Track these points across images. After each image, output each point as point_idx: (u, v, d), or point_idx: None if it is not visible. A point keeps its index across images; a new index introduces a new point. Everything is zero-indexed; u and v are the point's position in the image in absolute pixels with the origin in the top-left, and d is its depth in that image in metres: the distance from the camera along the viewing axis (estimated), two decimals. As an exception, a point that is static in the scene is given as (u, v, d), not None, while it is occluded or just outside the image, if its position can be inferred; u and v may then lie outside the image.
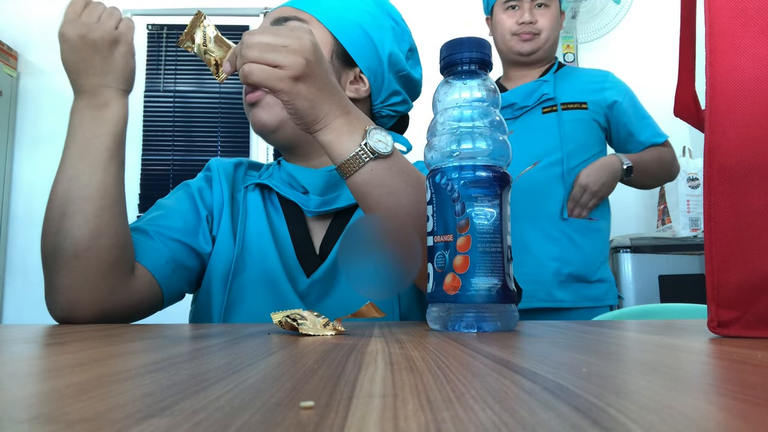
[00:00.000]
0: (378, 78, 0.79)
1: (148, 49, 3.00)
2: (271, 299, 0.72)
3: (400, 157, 0.60)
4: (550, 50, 1.43)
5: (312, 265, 0.75)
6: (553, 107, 1.37)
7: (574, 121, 1.36)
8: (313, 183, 0.77)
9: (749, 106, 0.37)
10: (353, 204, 0.77)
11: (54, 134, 2.89)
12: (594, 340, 0.37)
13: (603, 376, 0.22)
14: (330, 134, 0.57)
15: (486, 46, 0.54)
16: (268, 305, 0.72)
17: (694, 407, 0.16)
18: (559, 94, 1.39)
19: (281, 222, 0.78)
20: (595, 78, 1.43)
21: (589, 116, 1.37)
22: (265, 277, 0.73)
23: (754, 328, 0.37)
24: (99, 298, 0.62)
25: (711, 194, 0.39)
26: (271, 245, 0.75)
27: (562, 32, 2.93)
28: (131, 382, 0.21)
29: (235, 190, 0.81)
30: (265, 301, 0.72)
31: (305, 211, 0.77)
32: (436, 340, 0.39)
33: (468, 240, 0.49)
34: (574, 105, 1.38)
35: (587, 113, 1.37)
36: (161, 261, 0.69)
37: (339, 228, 0.77)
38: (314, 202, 0.76)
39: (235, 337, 0.41)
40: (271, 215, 0.78)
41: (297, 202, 0.76)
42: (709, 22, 0.39)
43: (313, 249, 0.76)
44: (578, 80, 1.43)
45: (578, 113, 1.37)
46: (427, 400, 0.18)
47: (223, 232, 0.76)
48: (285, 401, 0.18)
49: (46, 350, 0.35)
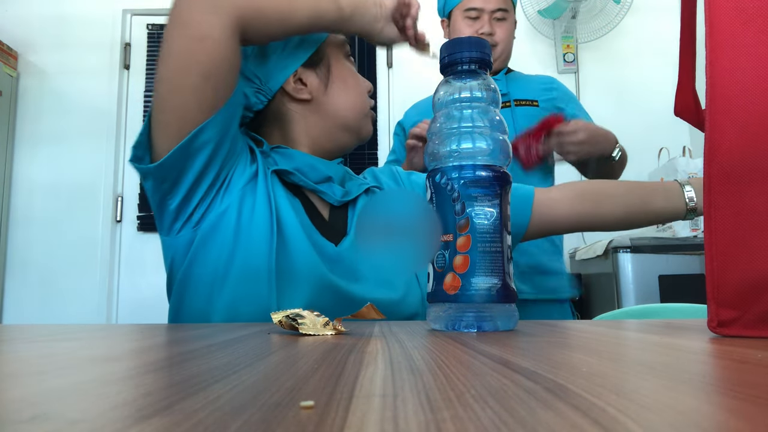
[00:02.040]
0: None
1: (148, 49, 3.00)
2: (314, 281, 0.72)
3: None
4: (505, 61, 1.46)
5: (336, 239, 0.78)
6: (506, 103, 1.42)
7: (526, 116, 1.40)
8: (334, 173, 0.81)
9: (749, 105, 0.37)
10: (358, 194, 0.82)
11: (54, 134, 2.89)
12: (594, 340, 0.37)
13: (603, 376, 0.22)
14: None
15: (486, 45, 0.54)
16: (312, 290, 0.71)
17: (694, 407, 0.16)
18: (511, 91, 1.44)
19: (299, 209, 0.78)
20: (543, 80, 1.49)
21: (540, 113, 1.41)
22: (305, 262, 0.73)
23: (754, 328, 0.37)
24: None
25: (711, 194, 0.39)
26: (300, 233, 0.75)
27: (561, 33, 2.95)
28: (131, 382, 0.21)
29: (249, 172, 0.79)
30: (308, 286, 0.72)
31: (332, 200, 0.79)
32: (436, 339, 0.39)
33: (468, 240, 0.49)
34: (526, 102, 1.43)
35: (538, 110, 1.42)
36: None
37: (341, 215, 0.81)
38: (339, 192, 0.80)
39: (235, 337, 0.41)
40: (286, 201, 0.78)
41: (327, 192, 0.79)
42: (709, 21, 0.39)
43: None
44: (528, 81, 1.48)
45: (530, 109, 1.42)
46: (427, 400, 0.18)
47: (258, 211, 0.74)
48: (285, 401, 0.18)
49: (46, 350, 0.35)
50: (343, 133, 0.83)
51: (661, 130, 2.77)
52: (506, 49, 1.43)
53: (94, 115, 2.90)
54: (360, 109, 0.84)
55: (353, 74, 0.86)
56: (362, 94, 0.85)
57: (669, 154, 2.60)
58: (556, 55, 2.96)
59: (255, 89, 0.80)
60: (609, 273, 2.10)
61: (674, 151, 2.62)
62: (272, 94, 0.81)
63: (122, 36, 2.99)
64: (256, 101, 0.81)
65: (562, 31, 2.93)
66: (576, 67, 2.94)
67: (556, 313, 1.32)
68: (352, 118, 0.83)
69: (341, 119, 0.82)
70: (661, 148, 2.67)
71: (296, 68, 0.81)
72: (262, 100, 0.81)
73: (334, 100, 0.82)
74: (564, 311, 1.34)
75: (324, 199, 0.80)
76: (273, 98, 0.82)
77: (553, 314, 1.31)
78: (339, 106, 0.82)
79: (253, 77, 0.80)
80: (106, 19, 2.98)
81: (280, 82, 0.80)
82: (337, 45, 0.85)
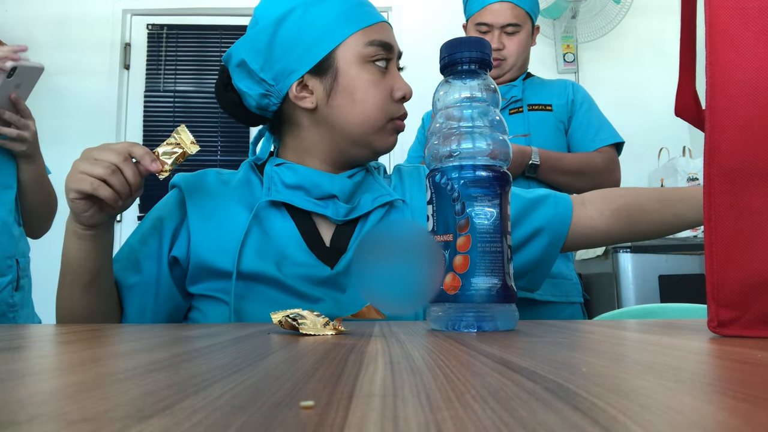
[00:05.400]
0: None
1: (148, 49, 3.00)
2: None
3: None
4: (519, 70, 1.46)
5: (332, 260, 0.75)
6: (519, 108, 1.43)
7: (539, 121, 1.40)
8: (339, 189, 0.77)
9: (749, 105, 0.37)
10: (371, 210, 0.78)
11: (54, 134, 2.89)
12: (594, 340, 0.37)
13: (603, 376, 0.22)
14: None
15: (486, 45, 0.54)
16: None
17: (694, 407, 0.16)
18: (526, 96, 1.44)
19: (294, 233, 0.77)
20: (561, 84, 1.49)
21: (553, 117, 1.42)
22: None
23: (754, 328, 0.37)
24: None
25: (711, 194, 0.39)
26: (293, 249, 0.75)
27: (561, 33, 2.95)
28: (131, 381, 0.21)
29: (225, 202, 0.78)
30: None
31: (333, 220, 0.76)
32: (436, 339, 0.39)
33: (468, 240, 0.49)
34: (539, 106, 1.43)
35: (552, 114, 1.42)
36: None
37: (348, 231, 0.78)
38: (342, 210, 0.76)
39: (235, 337, 0.41)
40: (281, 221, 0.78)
41: (328, 215, 0.76)
42: (709, 21, 0.39)
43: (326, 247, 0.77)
44: (545, 86, 1.48)
45: (543, 114, 1.42)
46: (427, 400, 0.18)
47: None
48: (285, 401, 0.18)
49: (46, 350, 0.35)
50: (351, 147, 0.78)
51: (661, 130, 2.77)
52: (517, 62, 1.43)
53: (94, 115, 2.91)
54: (370, 122, 0.77)
55: (368, 84, 0.76)
56: (375, 105, 0.76)
57: (669, 154, 2.60)
58: (556, 55, 2.96)
59: (264, 91, 0.78)
60: (609, 273, 2.10)
61: (674, 151, 2.62)
62: (281, 97, 0.78)
63: (122, 36, 2.99)
64: (268, 103, 0.79)
65: (562, 31, 2.93)
66: (576, 67, 2.94)
67: (567, 315, 1.32)
68: (358, 132, 0.77)
69: (345, 133, 0.77)
70: (661, 148, 2.67)
71: (302, 74, 0.76)
72: (274, 103, 0.79)
73: (337, 111, 0.77)
74: (575, 313, 1.35)
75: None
76: (285, 103, 0.79)
77: (565, 316, 1.32)
78: (343, 119, 0.77)
79: (262, 79, 0.78)
80: (106, 19, 2.98)
81: (286, 87, 0.77)
82: (358, 50, 0.76)
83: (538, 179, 1.35)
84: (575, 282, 1.36)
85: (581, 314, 1.36)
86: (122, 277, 0.74)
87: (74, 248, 0.68)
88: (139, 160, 0.66)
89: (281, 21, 0.77)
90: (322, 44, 0.76)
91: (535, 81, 1.49)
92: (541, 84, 1.49)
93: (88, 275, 0.68)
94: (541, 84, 1.49)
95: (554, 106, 1.43)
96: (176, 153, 0.69)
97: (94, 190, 0.63)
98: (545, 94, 1.45)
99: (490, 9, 1.39)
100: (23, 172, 1.24)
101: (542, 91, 1.46)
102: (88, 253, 0.67)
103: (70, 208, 0.65)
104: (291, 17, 0.77)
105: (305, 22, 0.76)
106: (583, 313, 1.37)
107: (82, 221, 0.66)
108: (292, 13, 0.77)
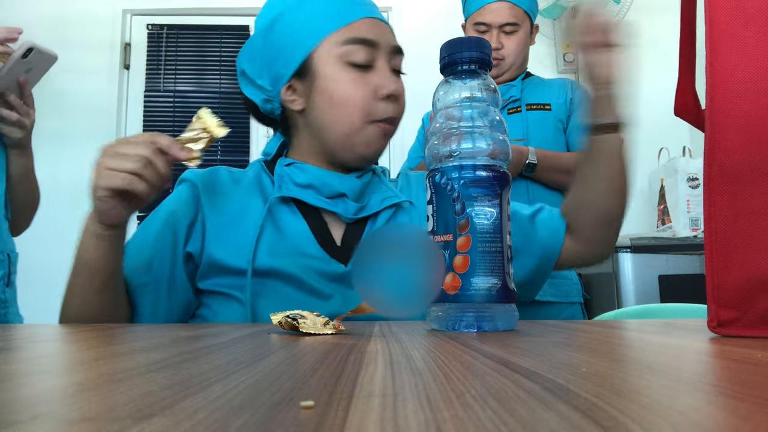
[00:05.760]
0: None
1: (148, 49, 3.00)
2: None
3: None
4: (518, 70, 1.46)
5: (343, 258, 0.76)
6: (517, 108, 1.43)
7: (537, 121, 1.40)
8: (348, 188, 0.77)
9: (749, 105, 0.37)
10: (379, 210, 0.78)
11: (54, 134, 2.89)
12: (594, 340, 0.37)
13: (603, 376, 0.22)
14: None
15: (486, 45, 0.54)
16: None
17: (694, 407, 0.16)
18: (524, 96, 1.44)
19: (305, 231, 0.77)
20: (560, 84, 1.49)
21: (552, 116, 1.41)
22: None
23: (754, 328, 0.37)
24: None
25: (711, 194, 0.39)
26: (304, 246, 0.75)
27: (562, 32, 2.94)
28: (131, 381, 0.21)
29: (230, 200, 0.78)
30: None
31: (344, 217, 0.77)
32: (436, 339, 0.39)
33: (468, 240, 0.49)
34: (538, 106, 1.43)
35: (550, 114, 1.42)
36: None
37: (358, 230, 0.78)
38: (352, 208, 0.77)
39: (235, 337, 0.41)
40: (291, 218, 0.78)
41: (338, 212, 0.76)
42: (709, 21, 0.39)
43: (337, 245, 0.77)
44: (544, 85, 1.48)
45: (542, 114, 1.42)
46: (427, 400, 0.18)
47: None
48: (285, 401, 0.18)
49: (46, 350, 0.35)
50: (339, 150, 0.77)
51: (661, 130, 2.77)
52: (516, 61, 1.43)
53: (94, 115, 2.90)
54: (346, 125, 0.75)
55: (347, 84, 0.74)
56: (355, 106, 0.74)
57: (669, 154, 2.60)
58: (556, 55, 2.96)
59: (266, 96, 0.80)
60: (609, 273, 2.10)
61: (674, 151, 2.61)
62: (278, 101, 0.79)
63: (122, 36, 2.99)
64: (271, 108, 0.81)
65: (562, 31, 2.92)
66: (576, 67, 2.94)
67: (567, 315, 1.32)
68: (338, 134, 0.76)
69: (329, 135, 0.77)
70: (661, 148, 2.66)
71: (288, 77, 0.77)
72: (276, 107, 0.80)
73: (319, 113, 0.76)
74: (575, 313, 1.35)
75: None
76: (284, 106, 0.80)
77: (565, 316, 1.32)
78: (324, 121, 0.76)
79: (260, 86, 0.80)
80: (106, 19, 2.98)
81: (278, 91, 0.79)
82: (335, 50, 0.75)
83: (536, 179, 1.36)
84: (575, 282, 1.36)
85: (581, 314, 1.37)
86: (134, 276, 0.72)
87: (92, 249, 0.65)
88: (165, 149, 0.64)
89: (270, 27, 0.79)
90: (300, 47, 0.77)
91: (534, 80, 1.49)
92: (540, 83, 1.48)
93: (104, 276, 0.67)
94: (540, 83, 1.49)
95: (553, 105, 1.43)
96: (203, 138, 0.67)
97: (129, 184, 0.61)
98: (544, 93, 1.45)
99: (488, 8, 1.40)
100: (14, 165, 1.18)
101: (541, 90, 1.46)
102: (105, 254, 0.66)
103: (96, 207, 0.63)
104: (278, 23, 0.78)
105: (289, 26, 0.77)
106: (583, 313, 1.38)
107: (105, 220, 0.64)
108: (279, 19, 0.78)
